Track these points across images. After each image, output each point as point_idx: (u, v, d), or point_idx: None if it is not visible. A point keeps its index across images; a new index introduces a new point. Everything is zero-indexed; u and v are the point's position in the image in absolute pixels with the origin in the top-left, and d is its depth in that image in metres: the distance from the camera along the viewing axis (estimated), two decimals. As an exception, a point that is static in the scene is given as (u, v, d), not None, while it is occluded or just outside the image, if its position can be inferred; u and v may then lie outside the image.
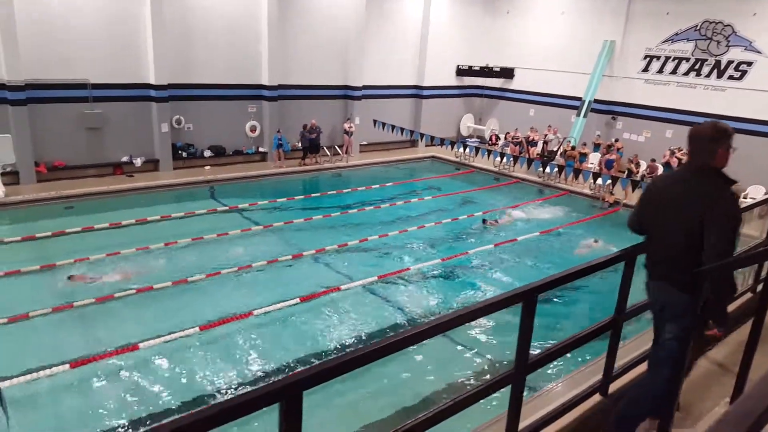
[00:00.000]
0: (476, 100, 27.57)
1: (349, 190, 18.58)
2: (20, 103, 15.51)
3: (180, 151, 18.95)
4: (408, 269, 12.17)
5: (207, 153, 19.56)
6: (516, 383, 3.34)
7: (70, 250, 12.03)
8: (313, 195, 17.95)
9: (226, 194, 17.17)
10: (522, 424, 3.56)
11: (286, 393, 2.09)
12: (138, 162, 18.01)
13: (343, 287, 11.13)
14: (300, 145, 20.75)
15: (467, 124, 27.21)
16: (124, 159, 17.92)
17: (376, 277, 11.62)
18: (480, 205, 17.34)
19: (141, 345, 8.67)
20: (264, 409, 2.04)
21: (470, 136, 26.95)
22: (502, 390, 3.32)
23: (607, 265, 3.93)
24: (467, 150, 21.52)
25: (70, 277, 10.77)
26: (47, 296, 10.08)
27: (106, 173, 17.56)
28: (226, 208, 16.04)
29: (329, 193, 18.03)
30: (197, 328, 9.23)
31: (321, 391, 7.03)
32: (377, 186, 19.00)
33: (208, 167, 19.14)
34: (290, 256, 12.60)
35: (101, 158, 17.52)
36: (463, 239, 14.40)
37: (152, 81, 17.69)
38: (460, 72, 26.30)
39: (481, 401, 3.17)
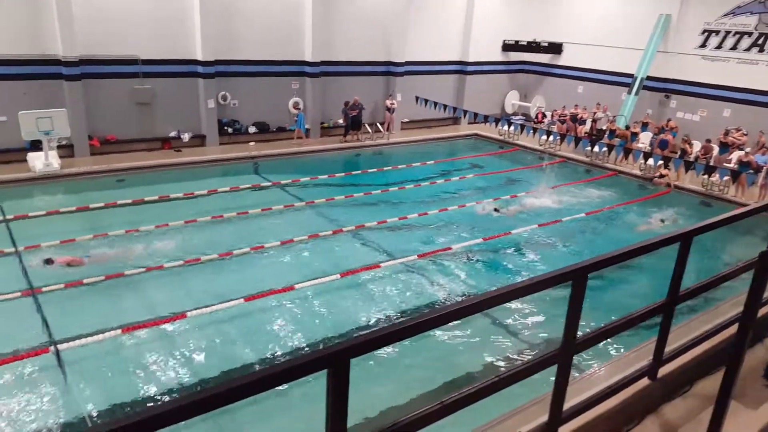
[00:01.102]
0: (522, 76, 26.92)
1: (390, 167, 18.53)
2: (75, 79, 16.03)
3: (226, 127, 19.27)
4: (449, 249, 12.10)
5: (251, 129, 19.82)
6: (562, 363, 3.27)
7: (121, 222, 12.45)
8: (353, 172, 17.99)
9: (270, 170, 17.40)
10: (566, 405, 3.51)
11: (334, 360, 2.11)
12: (186, 137, 18.41)
13: (383, 265, 11.16)
14: (342, 121, 20.76)
15: (512, 101, 26.65)
16: (173, 134, 18.34)
17: (416, 256, 11.60)
18: (523, 185, 17.04)
19: (188, 314, 8.95)
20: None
21: (515, 114, 26.39)
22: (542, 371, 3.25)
23: (661, 245, 3.78)
24: (512, 128, 21.10)
25: (47, 261, 10.23)
26: (99, 267, 10.46)
27: (155, 147, 18.03)
28: (270, 183, 16.26)
29: (370, 170, 18.04)
30: (242, 300, 9.45)
31: (366, 361, 7.19)
32: (418, 164, 18.89)
33: (252, 143, 19.40)
34: (330, 232, 12.71)
35: (151, 133, 17.99)
36: (506, 219, 14.19)
37: (199, 57, 17.96)
38: (506, 47, 25.69)
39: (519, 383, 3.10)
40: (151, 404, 6.86)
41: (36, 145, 15.19)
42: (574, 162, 19.83)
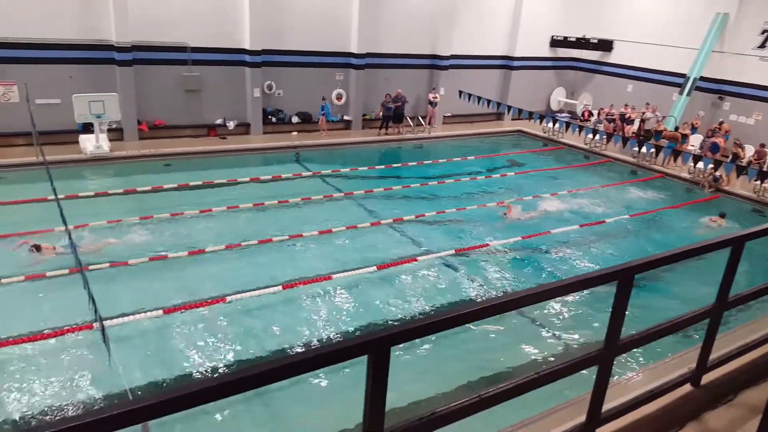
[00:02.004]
0: (569, 72, 26.35)
1: (430, 162, 18.45)
2: (127, 64, 16.52)
3: (270, 116, 19.54)
4: (487, 245, 11.99)
5: (294, 119, 20.03)
6: (604, 363, 3.22)
7: (166, 205, 12.80)
8: (393, 165, 17.99)
9: (311, 160, 17.57)
10: (605, 407, 3.45)
11: (375, 347, 2.13)
12: (231, 125, 18.76)
13: (419, 258, 11.16)
14: (379, 114, 20.75)
15: (558, 98, 26.13)
16: (218, 121, 18.71)
17: (453, 251, 11.55)
18: (567, 183, 16.72)
19: (228, 298, 9.15)
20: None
21: (560, 111, 25.86)
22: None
23: (711, 249, 3.67)
24: (557, 125, 20.69)
25: (35, 247, 10.10)
26: (144, 249, 10.79)
27: (201, 134, 18.44)
28: (310, 173, 16.43)
29: (410, 164, 18.00)
30: (280, 287, 9.60)
31: (404, 351, 7.22)
32: (459, 159, 18.77)
33: (294, 133, 19.62)
34: (368, 224, 12.76)
35: (197, 119, 18.40)
36: (546, 217, 13.96)
37: (247, 46, 18.23)
38: (555, 43, 25.17)
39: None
40: (188, 382, 7.06)
41: (88, 128, 15.74)
42: (620, 162, 19.34)
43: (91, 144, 15.40)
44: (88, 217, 11.53)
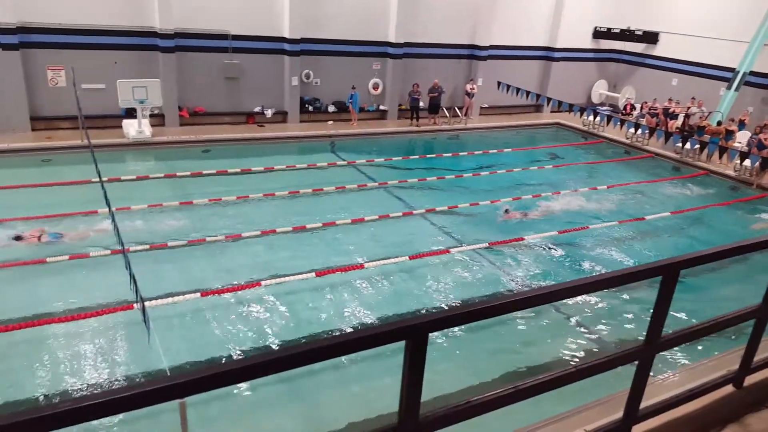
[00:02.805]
0: (612, 65, 25.69)
1: (466, 153, 18.28)
2: (169, 51, 16.85)
3: (307, 105, 19.66)
4: (521, 239, 11.84)
5: (330, 108, 20.10)
6: (644, 360, 3.15)
7: (205, 191, 13.05)
8: (428, 156, 17.89)
9: (346, 149, 17.64)
10: (642, 404, 3.38)
11: (413, 332, 2.13)
12: (269, 113, 18.96)
13: (452, 250, 11.10)
14: (408, 105, 20.59)
15: (599, 90, 25.52)
16: (257, 109, 18.93)
17: (487, 244, 11.44)
18: (607, 178, 16.37)
19: (263, 282, 9.28)
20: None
21: (602, 104, 25.25)
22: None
23: (761, 247, 3.54)
24: (597, 118, 20.23)
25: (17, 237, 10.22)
26: (180, 233, 11.03)
27: (239, 121, 18.70)
28: (345, 162, 16.49)
29: (445, 155, 17.88)
30: (313, 274, 9.68)
31: (438, 339, 7.23)
32: (495, 151, 18.55)
33: (330, 122, 19.71)
34: (401, 213, 12.75)
35: (237, 107, 18.66)
36: (583, 213, 13.70)
37: (286, 34, 18.35)
38: (598, 34, 24.56)
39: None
40: (224, 361, 7.21)
41: (131, 113, 16.13)
42: (662, 158, 18.81)
43: (133, 129, 15.79)
44: (129, 201, 11.84)
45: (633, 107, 22.50)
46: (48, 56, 15.75)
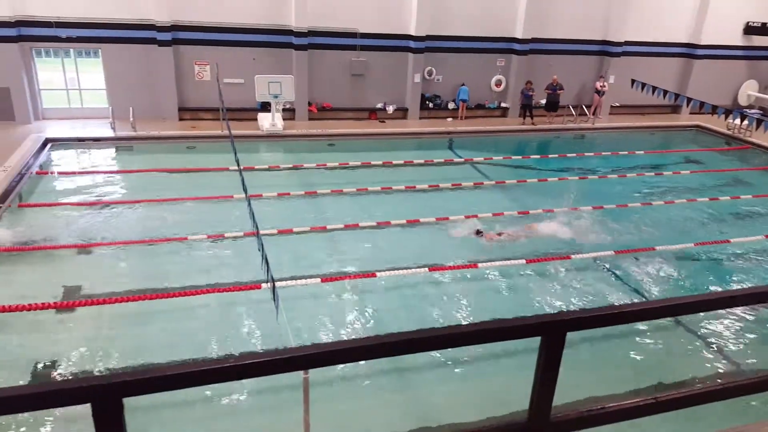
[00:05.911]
0: (765, 64, 23.15)
1: (592, 154, 17.42)
2: (302, 48, 17.77)
3: (427, 102, 19.81)
4: (652, 249, 11.03)
5: (450, 105, 20.08)
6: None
7: (328, 183, 13.63)
8: (550, 156, 17.27)
9: (463, 146, 17.56)
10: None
11: (551, 329, 2.10)
12: (390, 109, 19.36)
13: (573, 257, 10.62)
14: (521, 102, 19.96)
15: (748, 91, 23.13)
16: (379, 105, 19.41)
17: (612, 252, 10.82)
18: (753, 188, 14.83)
19: (378, 274, 9.51)
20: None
21: (750, 107, 22.89)
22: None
23: None
24: (745, 122, 18.33)
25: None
26: (306, 220, 11.61)
27: (362, 117, 19.28)
28: (462, 160, 16.40)
29: (569, 155, 17.14)
30: (426, 269, 9.75)
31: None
32: (625, 152, 17.47)
33: (450, 119, 19.70)
34: (515, 212, 12.41)
35: (361, 103, 19.26)
36: (726, 224, 12.53)
37: (412, 32, 18.60)
38: (750, 30, 22.24)
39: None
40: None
41: (265, 107, 17.23)
42: (822, 169, 16.69)
43: (267, 122, 16.86)
44: (261, 188, 12.67)
45: (789, 110, 20.16)
46: (195, 52, 17.29)
